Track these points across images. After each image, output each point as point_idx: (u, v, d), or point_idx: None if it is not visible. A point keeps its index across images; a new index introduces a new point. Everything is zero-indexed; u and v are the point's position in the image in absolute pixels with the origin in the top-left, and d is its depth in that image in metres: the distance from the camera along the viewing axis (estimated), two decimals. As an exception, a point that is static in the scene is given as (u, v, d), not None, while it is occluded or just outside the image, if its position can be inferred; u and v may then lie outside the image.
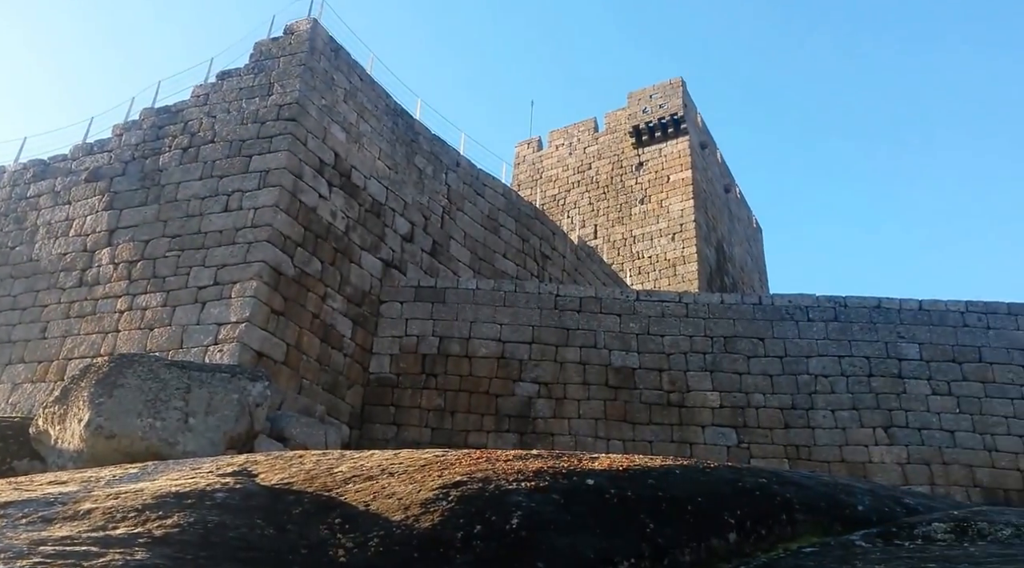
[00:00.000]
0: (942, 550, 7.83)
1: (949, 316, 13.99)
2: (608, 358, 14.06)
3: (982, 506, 11.73)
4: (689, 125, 29.21)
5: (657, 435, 13.40)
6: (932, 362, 13.59)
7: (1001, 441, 12.86)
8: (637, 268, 27.40)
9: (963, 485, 12.53)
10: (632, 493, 5.68)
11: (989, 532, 8.52)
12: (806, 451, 13.04)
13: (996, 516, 9.00)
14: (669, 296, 14.98)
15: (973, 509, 10.42)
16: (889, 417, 13.16)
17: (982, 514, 9.11)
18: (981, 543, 8.50)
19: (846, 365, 13.68)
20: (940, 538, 8.02)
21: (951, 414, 13.12)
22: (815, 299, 14.45)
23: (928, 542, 8.01)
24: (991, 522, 8.65)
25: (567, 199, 30.71)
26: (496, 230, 17.69)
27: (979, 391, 13.28)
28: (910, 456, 12.82)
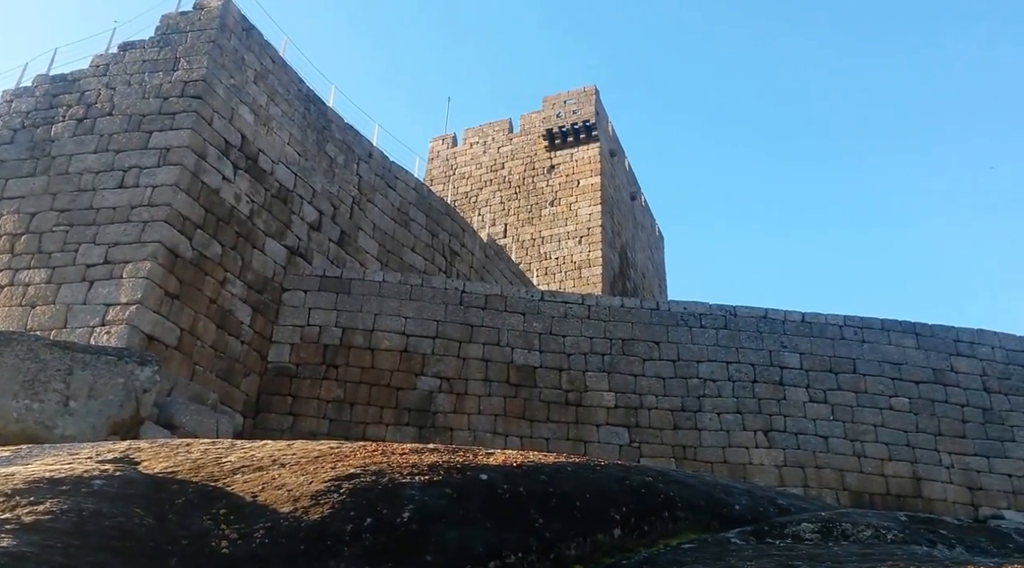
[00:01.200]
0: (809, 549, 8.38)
1: (828, 329, 14.90)
2: (511, 356, 14.25)
3: (848, 509, 12.60)
4: (600, 133, 29.87)
5: (554, 433, 13.68)
6: (811, 371, 14.43)
7: (869, 448, 13.80)
8: (544, 268, 27.80)
9: (833, 488, 13.38)
10: (524, 489, 5.82)
11: (852, 533, 9.16)
12: (692, 451, 13.62)
13: (859, 518, 9.68)
14: (572, 298, 15.31)
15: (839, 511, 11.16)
16: (769, 421, 13.91)
17: (846, 516, 9.78)
18: (844, 543, 9.13)
19: (733, 371, 14.35)
20: (808, 538, 8.57)
21: (826, 421, 13.98)
22: (708, 307, 15.08)
23: (797, 541, 8.54)
24: (854, 524, 9.30)
25: (479, 197, 30.83)
26: (406, 224, 17.60)
27: (852, 400, 14.20)
28: (787, 459, 13.60)
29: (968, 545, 10.67)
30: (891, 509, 12.64)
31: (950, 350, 14.84)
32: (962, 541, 10.77)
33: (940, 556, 8.61)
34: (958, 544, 10.36)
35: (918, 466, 13.67)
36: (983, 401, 14.39)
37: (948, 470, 13.70)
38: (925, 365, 14.65)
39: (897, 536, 9.45)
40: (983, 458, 13.86)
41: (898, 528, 9.97)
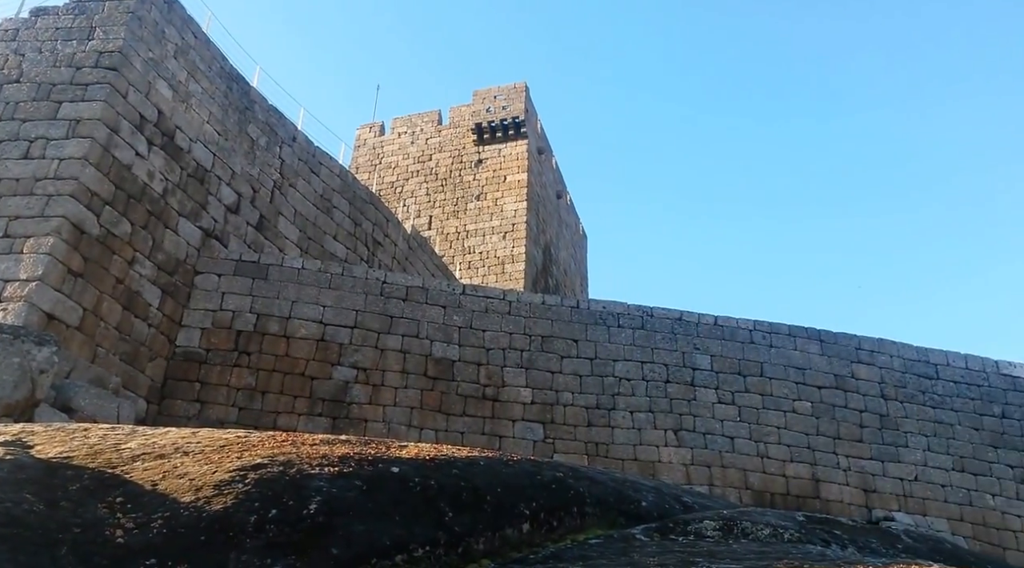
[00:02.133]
0: (710, 546, 8.64)
1: (739, 333, 15.42)
2: (429, 349, 14.19)
3: (749, 507, 13.03)
4: (529, 130, 30.05)
5: (470, 427, 13.70)
6: (721, 373, 14.92)
7: (772, 449, 14.36)
8: (467, 262, 27.79)
9: (737, 487, 13.87)
10: (435, 482, 5.81)
11: (751, 531, 9.50)
12: (605, 449, 13.88)
13: (759, 517, 10.04)
14: (494, 293, 15.36)
15: (740, 510, 11.54)
16: (680, 421, 14.31)
17: (747, 515, 10.13)
18: (744, 541, 9.45)
19: (647, 370, 14.69)
20: (709, 535, 8.85)
21: (733, 422, 14.48)
22: (626, 307, 15.39)
23: (699, 538, 8.80)
24: (754, 522, 9.64)
25: (405, 187, 30.55)
26: (329, 211, 17.28)
27: (758, 402, 14.75)
28: (694, 458, 14.02)
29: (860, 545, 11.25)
30: (791, 509, 13.22)
31: (852, 357, 15.59)
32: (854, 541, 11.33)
33: (832, 555, 9.04)
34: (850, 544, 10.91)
35: (817, 468, 14.31)
36: (880, 407, 15.17)
37: (845, 472, 14.39)
38: (828, 371, 15.34)
39: (794, 535, 9.86)
40: (878, 462, 14.61)
41: (795, 527, 10.40)
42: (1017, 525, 14.43)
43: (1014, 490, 14.71)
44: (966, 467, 14.79)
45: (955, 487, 14.55)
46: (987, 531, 14.23)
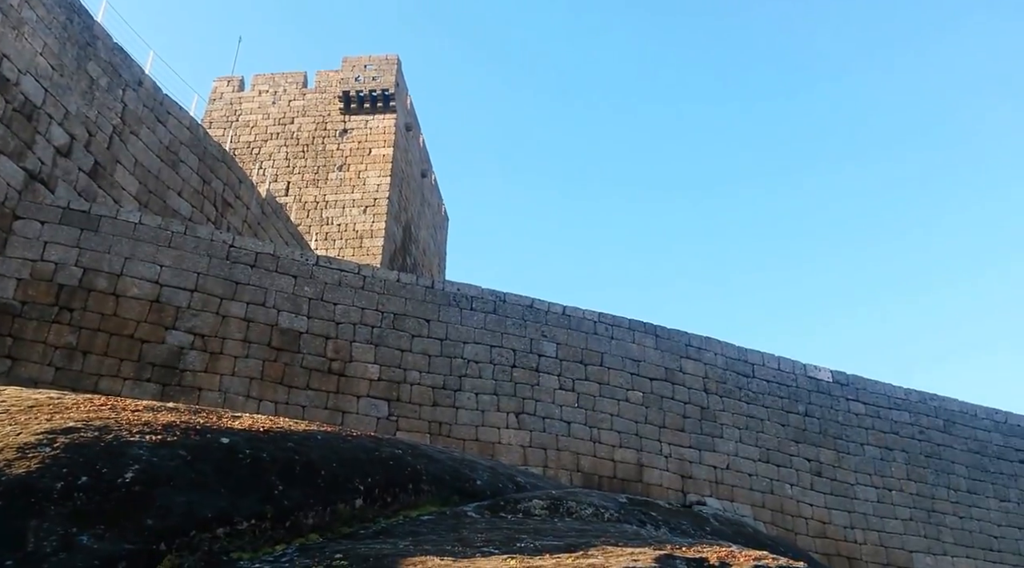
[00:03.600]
0: (536, 524, 8.98)
1: (584, 323, 16.05)
2: (276, 318, 13.76)
3: (576, 489, 13.63)
4: (398, 104, 29.60)
5: (312, 401, 13.44)
6: (564, 361, 15.48)
7: (604, 435, 15.10)
8: (324, 233, 27.08)
9: (569, 469, 14.49)
10: (268, 455, 5.70)
11: (576, 511, 9.94)
12: (448, 428, 14.06)
13: (584, 497, 10.52)
14: (349, 266, 15.10)
15: (568, 490, 12.05)
16: (522, 405, 14.73)
17: (573, 495, 10.60)
18: (568, 519, 9.89)
19: (496, 354, 15.00)
20: (537, 513, 9.19)
21: (571, 407, 15.08)
22: (480, 291, 15.61)
23: (527, 516, 9.13)
24: (579, 502, 10.09)
25: (263, 149, 29.25)
26: (175, 165, 16.26)
27: (596, 390, 15.44)
28: (532, 440, 14.49)
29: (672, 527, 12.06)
30: (616, 491, 13.96)
31: (681, 353, 16.63)
32: (668, 523, 12.14)
33: (646, 534, 9.65)
34: (664, 525, 11.68)
35: (643, 454, 15.20)
36: (702, 400, 16.31)
37: (667, 459, 15.38)
38: (660, 364, 16.29)
39: (614, 515, 10.46)
40: (696, 450, 15.71)
41: (616, 508, 11.03)
42: (808, 513, 16.03)
43: (809, 481, 16.32)
44: (771, 459, 16.23)
45: (760, 476, 15.94)
46: (783, 517, 15.71)
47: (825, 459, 16.76)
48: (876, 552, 16.18)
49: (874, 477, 16.97)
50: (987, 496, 17.84)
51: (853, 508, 16.45)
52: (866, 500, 16.64)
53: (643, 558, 6.68)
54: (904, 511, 16.87)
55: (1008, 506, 17.93)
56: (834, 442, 17.05)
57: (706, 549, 8.03)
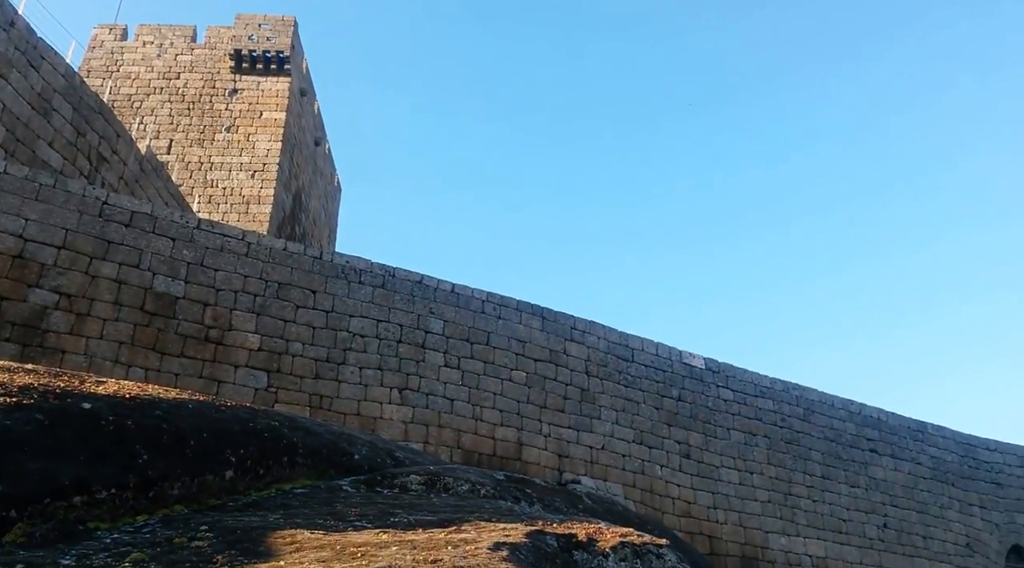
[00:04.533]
0: (412, 499, 9.08)
1: (473, 302, 16.18)
2: (151, 282, 13.13)
3: (454, 465, 13.79)
4: (293, 68, 28.61)
5: (186, 369, 12.95)
6: (451, 339, 15.57)
7: (487, 413, 15.33)
8: (208, 196, 25.93)
9: (450, 446, 14.64)
10: (133, 422, 5.50)
11: (452, 487, 10.08)
12: (329, 402, 13.88)
13: (461, 474, 10.68)
14: (233, 232, 14.57)
15: (446, 466, 12.20)
16: (406, 380, 14.73)
17: (451, 471, 10.75)
18: (444, 495, 10.03)
19: (382, 329, 14.91)
20: (414, 488, 9.27)
21: (455, 385, 15.21)
22: (370, 264, 15.44)
23: (403, 491, 9.20)
24: (456, 478, 10.24)
25: (145, 104, 27.61)
26: (47, 113, 15.15)
27: (480, 369, 15.63)
28: (415, 416, 14.53)
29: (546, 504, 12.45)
30: (495, 469, 14.23)
31: (566, 335, 17.07)
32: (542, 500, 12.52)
33: (520, 511, 9.93)
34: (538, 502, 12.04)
35: (523, 433, 15.54)
36: (583, 382, 16.82)
37: (546, 438, 15.79)
38: (545, 345, 16.67)
39: (490, 492, 10.69)
40: (574, 431, 16.21)
41: (492, 485, 11.26)
42: (676, 493, 16.88)
43: (678, 463, 17.18)
44: (644, 441, 16.96)
45: (633, 457, 16.64)
46: (653, 497, 16.49)
47: (694, 442, 17.66)
48: (735, 532, 17.24)
49: (737, 461, 18.04)
50: (839, 481, 19.32)
51: (717, 489, 17.44)
52: (729, 482, 17.68)
53: (514, 534, 6.90)
54: (763, 493, 18.04)
55: (857, 492, 19.47)
56: (703, 426, 17.99)
57: (576, 526, 8.35)
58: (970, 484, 21.34)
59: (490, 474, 12.67)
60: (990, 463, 22.16)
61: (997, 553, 20.91)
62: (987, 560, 20.58)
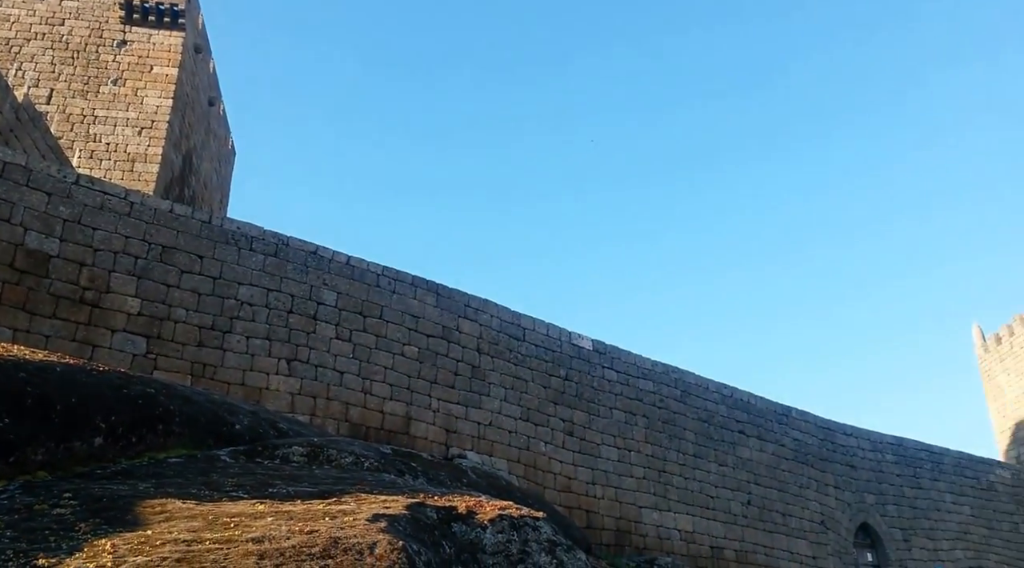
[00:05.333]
0: (293, 470, 9.08)
1: (367, 275, 16.07)
2: (23, 237, 12.37)
3: (339, 438, 13.79)
4: (188, 22, 27.23)
5: (58, 331, 12.32)
6: (344, 311, 15.44)
7: (376, 387, 15.32)
8: (90, 152, 24.46)
9: (337, 419, 14.57)
10: (-6, 385, 5.27)
11: (336, 459, 10.13)
12: (212, 370, 13.53)
13: (345, 446, 10.74)
14: (115, 190, 13.88)
15: (330, 438, 12.21)
16: (295, 352, 14.52)
17: (335, 444, 10.77)
18: (327, 467, 10.07)
19: (272, 299, 14.61)
20: (295, 460, 9.24)
21: (345, 358, 15.12)
22: (262, 232, 15.06)
23: (284, 462, 9.17)
24: (340, 450, 10.29)
25: (24, 49, 25.64)
26: (-96, 47, 13.91)
27: (372, 343, 15.59)
28: (303, 388, 14.37)
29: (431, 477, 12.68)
30: (382, 442, 14.29)
31: (460, 312, 17.23)
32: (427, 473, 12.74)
33: (403, 484, 10.09)
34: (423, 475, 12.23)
35: (412, 407, 15.64)
36: (474, 359, 17.05)
37: (434, 413, 15.95)
38: (438, 322, 16.77)
39: (374, 464, 10.80)
40: (463, 407, 16.44)
41: (376, 458, 11.38)
42: (558, 469, 17.44)
43: (562, 440, 17.73)
44: (530, 418, 17.40)
45: (519, 434, 17.05)
46: (535, 472, 16.97)
47: (578, 420, 18.26)
48: (612, 506, 17.99)
49: (617, 439, 18.78)
50: (709, 460, 20.41)
51: (596, 466, 18.12)
52: (608, 459, 18.40)
53: (395, 505, 7.04)
54: (639, 470, 18.87)
55: (725, 470, 20.64)
56: (587, 405, 18.61)
57: (456, 499, 8.58)
58: (827, 465, 23.02)
59: (376, 447, 12.71)
60: (846, 446, 23.97)
61: (847, 530, 22.71)
62: (839, 536, 22.32)
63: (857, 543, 22.86)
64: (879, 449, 24.70)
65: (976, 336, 46.03)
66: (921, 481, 25.03)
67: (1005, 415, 42.87)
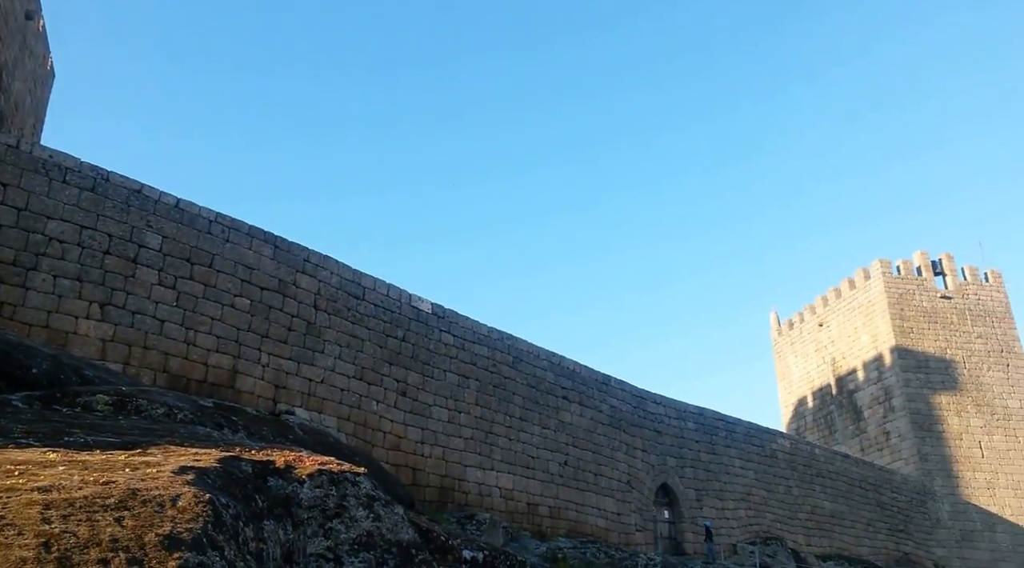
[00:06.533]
0: (96, 419, 8.57)
1: (199, 220, 15.21)
2: None
3: (151, 388, 13.09)
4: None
5: None
6: (169, 256, 14.54)
7: (201, 338, 14.62)
8: None
9: (155, 369, 13.78)
10: None
11: (146, 409, 9.64)
12: (11, 310, 12.36)
13: (157, 397, 10.22)
14: (-101, 100, 12.22)
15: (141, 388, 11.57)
16: (110, 295, 13.53)
17: (146, 394, 10.24)
18: (135, 418, 9.59)
19: (87, 237, 13.50)
20: (99, 409, 8.72)
21: (168, 306, 14.28)
22: (79, 163, 13.82)
23: (87, 410, 8.63)
24: (151, 401, 9.79)
25: None
26: None
27: (200, 292, 14.82)
28: (116, 335, 13.44)
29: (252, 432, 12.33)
30: (204, 396, 13.72)
31: (298, 267, 16.73)
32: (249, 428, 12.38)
33: (219, 437, 9.77)
34: (244, 430, 11.89)
35: (239, 361, 15.08)
36: (310, 315, 16.66)
37: (264, 368, 15.47)
38: (275, 275, 16.20)
39: (188, 417, 10.38)
40: (295, 363, 16.06)
41: (192, 410, 10.93)
42: (388, 428, 17.51)
43: (394, 400, 17.79)
44: (364, 377, 17.31)
45: (352, 392, 16.93)
46: (365, 430, 16.96)
47: (412, 381, 18.37)
48: (438, 465, 18.33)
49: (449, 400, 19.11)
50: (533, 423, 21.24)
51: (427, 426, 18.37)
52: (439, 420, 18.69)
53: (206, 458, 6.83)
54: (468, 431, 19.33)
55: (548, 433, 21.56)
56: (422, 367, 18.76)
57: (275, 453, 8.43)
58: (637, 431, 24.65)
59: (193, 399, 12.17)
60: (655, 414, 25.76)
61: (650, 490, 24.50)
62: (642, 495, 24.04)
63: (657, 501, 24.75)
64: (683, 417, 26.76)
65: (772, 321, 50.82)
66: (716, 447, 27.41)
67: (791, 392, 47.82)
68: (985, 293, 41.88)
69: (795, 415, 47.06)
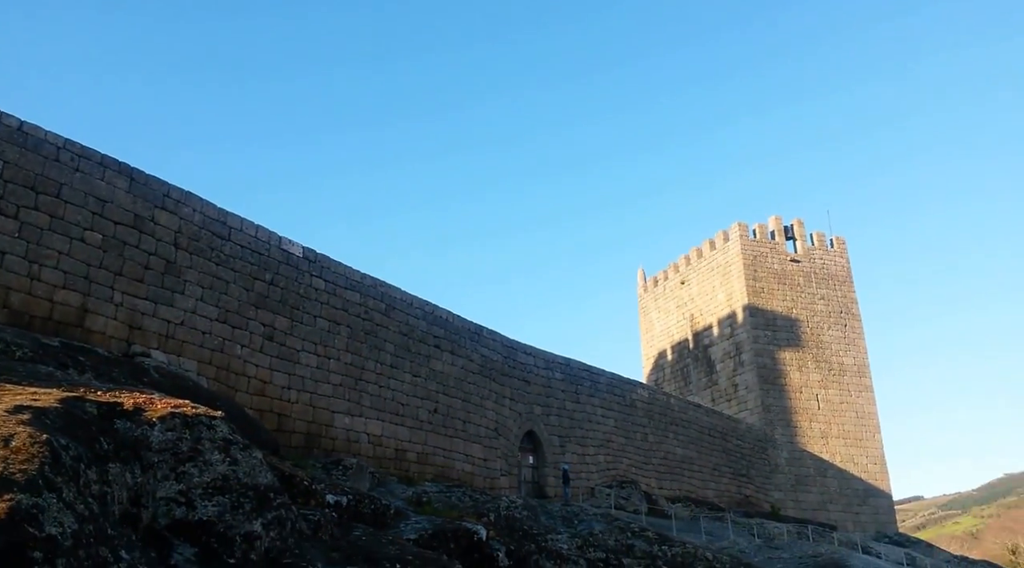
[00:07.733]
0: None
1: (45, 146, 14.03)
2: None
3: None
4: None
5: None
6: (11, 183, 13.38)
7: (47, 273, 13.64)
8: None
9: (-7, 305, 12.80)
10: None
11: None
12: None
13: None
14: None
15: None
16: (-61, 224, 12.38)
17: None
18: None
19: (-89, 158, 12.21)
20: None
21: (9, 237, 13.19)
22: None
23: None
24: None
25: None
26: None
27: (44, 223, 13.75)
28: (-53, 267, 12.35)
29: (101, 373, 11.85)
30: (50, 334, 12.93)
31: (157, 202, 15.82)
32: (97, 369, 11.90)
33: (62, 377, 9.37)
34: (91, 371, 11.40)
35: (90, 299, 14.20)
36: (170, 254, 15.85)
37: (117, 307, 14.65)
38: (130, 209, 15.26)
39: (28, 354, 9.92)
40: (152, 303, 15.29)
41: (34, 348, 10.44)
42: (253, 373, 17.10)
43: (260, 344, 17.35)
44: (228, 320, 16.74)
45: (214, 335, 16.35)
46: (228, 375, 16.49)
47: (279, 326, 17.96)
48: (305, 410, 18.15)
49: (319, 346, 18.85)
50: (405, 371, 21.34)
51: (294, 371, 18.08)
52: (307, 366, 18.43)
53: (46, 398, 6.52)
54: (337, 378, 19.19)
55: (418, 381, 21.74)
56: (291, 312, 18.35)
57: (124, 395, 8.14)
58: (506, 380, 25.31)
59: (35, 337, 11.44)
60: (524, 364, 26.51)
61: (516, 436, 25.33)
62: (508, 442, 24.83)
63: (522, 447, 25.66)
64: (550, 367, 27.70)
65: (639, 278, 53.22)
66: (580, 396, 28.63)
67: (652, 345, 50.49)
68: (830, 258, 45.37)
69: (655, 367, 49.65)
